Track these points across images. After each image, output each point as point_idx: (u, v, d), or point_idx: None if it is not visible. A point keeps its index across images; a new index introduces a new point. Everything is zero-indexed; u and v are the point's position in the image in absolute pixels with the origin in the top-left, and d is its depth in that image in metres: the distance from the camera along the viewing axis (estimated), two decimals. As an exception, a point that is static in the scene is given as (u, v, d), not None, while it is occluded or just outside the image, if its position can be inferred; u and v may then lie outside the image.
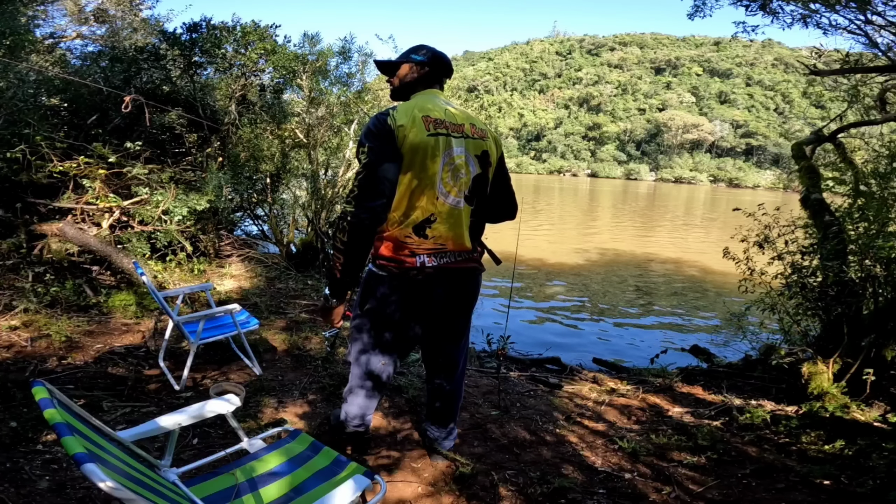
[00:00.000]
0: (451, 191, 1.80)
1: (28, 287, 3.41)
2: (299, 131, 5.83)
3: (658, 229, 19.84)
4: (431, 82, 1.93)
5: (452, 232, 1.82)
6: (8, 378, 2.40)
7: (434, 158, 1.74)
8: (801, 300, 3.52)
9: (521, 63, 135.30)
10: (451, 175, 1.79)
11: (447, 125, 1.79)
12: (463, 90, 9.53)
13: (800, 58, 25.68)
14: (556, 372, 4.04)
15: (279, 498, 1.36)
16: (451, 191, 1.80)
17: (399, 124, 1.70)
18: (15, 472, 1.81)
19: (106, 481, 0.84)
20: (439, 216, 1.78)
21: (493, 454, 2.31)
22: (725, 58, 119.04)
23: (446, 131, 1.78)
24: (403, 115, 1.72)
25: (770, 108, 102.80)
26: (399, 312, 1.87)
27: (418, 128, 1.71)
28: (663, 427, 2.75)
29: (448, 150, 1.77)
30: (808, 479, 2.18)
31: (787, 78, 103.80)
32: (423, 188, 1.74)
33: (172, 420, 1.40)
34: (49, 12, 9.22)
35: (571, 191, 46.42)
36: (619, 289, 9.09)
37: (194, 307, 3.89)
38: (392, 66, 1.96)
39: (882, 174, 3.36)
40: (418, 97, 1.87)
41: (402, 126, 1.70)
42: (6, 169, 3.84)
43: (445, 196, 1.78)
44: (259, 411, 2.49)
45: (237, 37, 5.25)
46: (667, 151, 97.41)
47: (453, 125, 1.81)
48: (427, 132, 1.73)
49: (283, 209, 6.28)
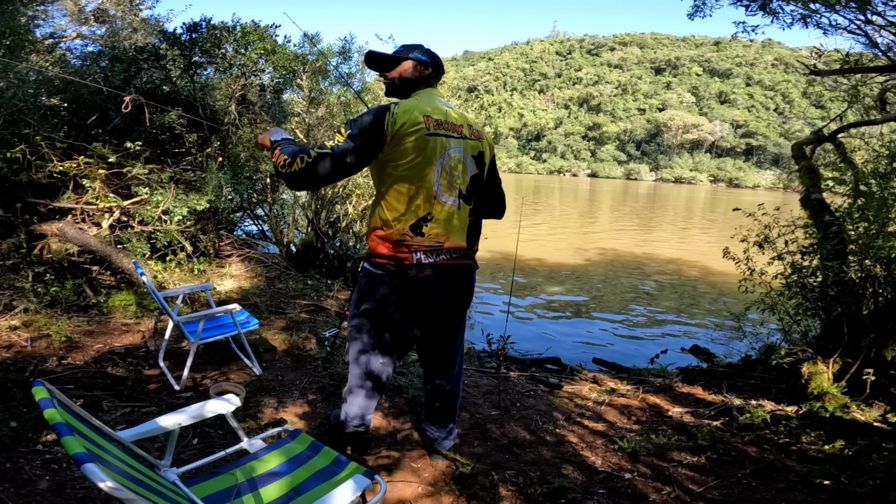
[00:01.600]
0: (448, 190, 1.83)
1: (28, 287, 3.41)
2: (299, 131, 5.83)
3: (658, 229, 19.83)
4: (431, 82, 1.95)
5: (448, 230, 1.85)
6: (8, 378, 2.40)
7: (433, 158, 1.77)
8: (801, 300, 3.52)
9: (521, 63, 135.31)
10: (448, 175, 1.82)
11: (447, 126, 1.82)
12: (463, 90, 9.53)
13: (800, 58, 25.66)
14: (556, 372, 4.04)
15: (279, 498, 1.36)
16: (447, 190, 1.83)
17: (399, 123, 1.71)
18: (15, 472, 1.81)
19: (106, 481, 0.84)
20: (436, 215, 1.81)
21: (493, 454, 2.31)
22: (725, 58, 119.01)
23: (446, 132, 1.80)
24: (404, 115, 1.73)
25: (770, 108, 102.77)
26: (398, 312, 1.87)
27: (419, 128, 1.73)
28: (663, 427, 2.75)
29: (447, 151, 1.80)
30: (808, 479, 2.18)
31: (787, 78, 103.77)
32: (422, 187, 1.77)
33: (172, 420, 1.40)
34: (49, 12, 9.23)
35: (571, 191, 46.41)
36: (620, 289, 9.09)
37: (194, 307, 3.89)
38: (390, 61, 1.94)
39: (882, 174, 3.35)
40: (420, 96, 1.88)
41: (403, 125, 1.71)
42: (6, 169, 3.84)
43: (442, 195, 1.81)
44: (259, 411, 2.49)
45: (237, 37, 5.25)
46: (667, 151, 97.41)
47: (452, 126, 1.84)
48: (428, 132, 1.74)
49: (283, 209, 6.28)
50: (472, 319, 6.43)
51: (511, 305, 7.06)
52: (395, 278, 1.82)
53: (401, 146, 1.72)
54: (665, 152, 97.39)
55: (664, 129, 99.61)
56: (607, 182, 75.72)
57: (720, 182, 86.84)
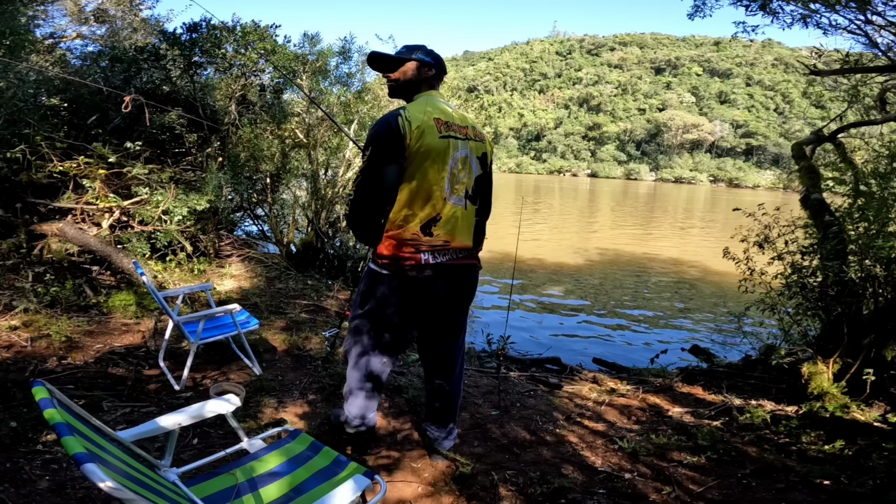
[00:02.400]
0: (456, 191, 1.87)
1: (28, 287, 3.41)
2: (299, 131, 5.83)
3: (658, 229, 19.84)
4: (434, 84, 1.95)
5: (456, 230, 1.88)
6: (8, 378, 2.40)
7: (444, 160, 1.80)
8: (801, 300, 3.52)
9: (521, 63, 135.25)
10: (456, 176, 1.86)
11: (455, 128, 1.86)
12: (463, 90, 9.52)
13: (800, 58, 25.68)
14: (556, 372, 4.04)
15: (279, 498, 1.36)
16: (455, 191, 1.87)
17: (415, 126, 1.74)
18: (15, 472, 1.81)
19: (106, 481, 0.84)
20: (444, 215, 1.84)
21: (493, 454, 2.31)
22: (725, 58, 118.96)
23: (455, 134, 1.85)
24: (417, 117, 1.76)
25: (770, 108, 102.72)
26: (399, 314, 1.89)
27: (432, 130, 1.77)
28: (663, 427, 2.75)
29: (456, 153, 1.84)
30: (808, 479, 2.18)
31: (787, 78, 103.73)
32: (432, 189, 1.80)
33: (172, 420, 1.40)
34: (49, 12, 9.22)
35: (571, 191, 46.41)
36: (619, 289, 9.09)
37: (194, 307, 3.89)
38: (393, 62, 1.94)
39: (882, 174, 3.35)
40: (426, 99, 1.89)
41: (418, 127, 1.74)
42: (6, 169, 3.84)
43: (450, 196, 1.85)
44: (259, 411, 2.49)
45: (237, 37, 5.25)
46: (667, 151, 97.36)
47: (459, 128, 1.88)
48: (439, 135, 1.79)
49: (283, 209, 6.28)
50: (473, 319, 6.43)
51: (510, 305, 7.06)
52: (397, 279, 1.84)
53: (417, 149, 1.75)
54: (665, 152, 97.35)
55: (664, 129, 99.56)
56: (607, 182, 75.71)
57: (720, 182, 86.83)
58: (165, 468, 1.42)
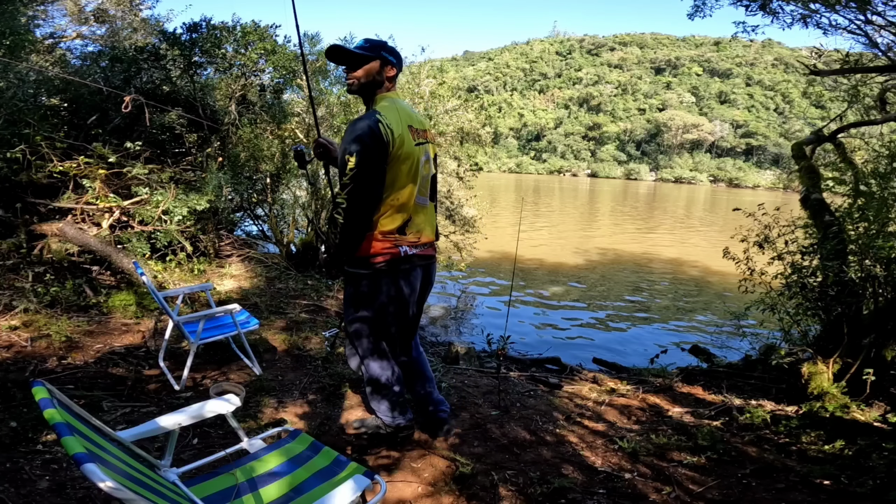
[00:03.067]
0: (421, 192, 2.00)
1: (28, 287, 3.41)
2: (299, 131, 5.82)
3: (658, 229, 19.83)
4: (394, 83, 1.96)
5: (425, 227, 2.04)
6: (8, 378, 2.40)
7: (417, 166, 1.90)
8: (801, 300, 3.52)
9: (521, 63, 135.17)
10: (424, 178, 1.99)
11: (422, 133, 1.95)
12: (463, 90, 9.51)
13: (800, 58, 25.70)
14: (556, 372, 4.04)
15: (279, 498, 1.36)
16: (421, 192, 1.99)
17: (396, 134, 1.79)
18: (15, 472, 1.81)
19: (106, 481, 0.84)
20: (416, 215, 1.97)
21: (493, 454, 2.31)
22: (725, 58, 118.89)
23: (422, 140, 1.95)
24: (396, 125, 1.81)
25: (770, 108, 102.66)
26: (399, 305, 2.00)
27: (409, 138, 1.84)
28: (663, 427, 2.75)
29: (422, 157, 1.94)
30: (808, 479, 2.18)
31: (787, 78, 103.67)
32: (409, 192, 1.90)
33: (172, 420, 1.40)
34: (49, 12, 9.21)
35: (571, 191, 46.40)
36: (619, 289, 9.08)
37: (194, 307, 3.89)
38: (358, 59, 1.85)
39: (882, 174, 3.35)
40: (392, 103, 1.88)
41: (399, 136, 1.79)
42: (6, 169, 3.84)
43: (420, 197, 1.99)
44: (259, 411, 2.49)
45: (237, 37, 5.25)
46: (667, 151, 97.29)
47: (423, 132, 1.97)
48: (415, 142, 1.88)
49: (283, 209, 6.28)
50: (473, 319, 6.43)
51: (511, 305, 7.06)
52: (389, 275, 1.94)
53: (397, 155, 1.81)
54: (665, 152, 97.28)
55: (664, 129, 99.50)
56: (607, 182, 75.71)
57: (720, 182, 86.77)
58: (165, 468, 1.42)
